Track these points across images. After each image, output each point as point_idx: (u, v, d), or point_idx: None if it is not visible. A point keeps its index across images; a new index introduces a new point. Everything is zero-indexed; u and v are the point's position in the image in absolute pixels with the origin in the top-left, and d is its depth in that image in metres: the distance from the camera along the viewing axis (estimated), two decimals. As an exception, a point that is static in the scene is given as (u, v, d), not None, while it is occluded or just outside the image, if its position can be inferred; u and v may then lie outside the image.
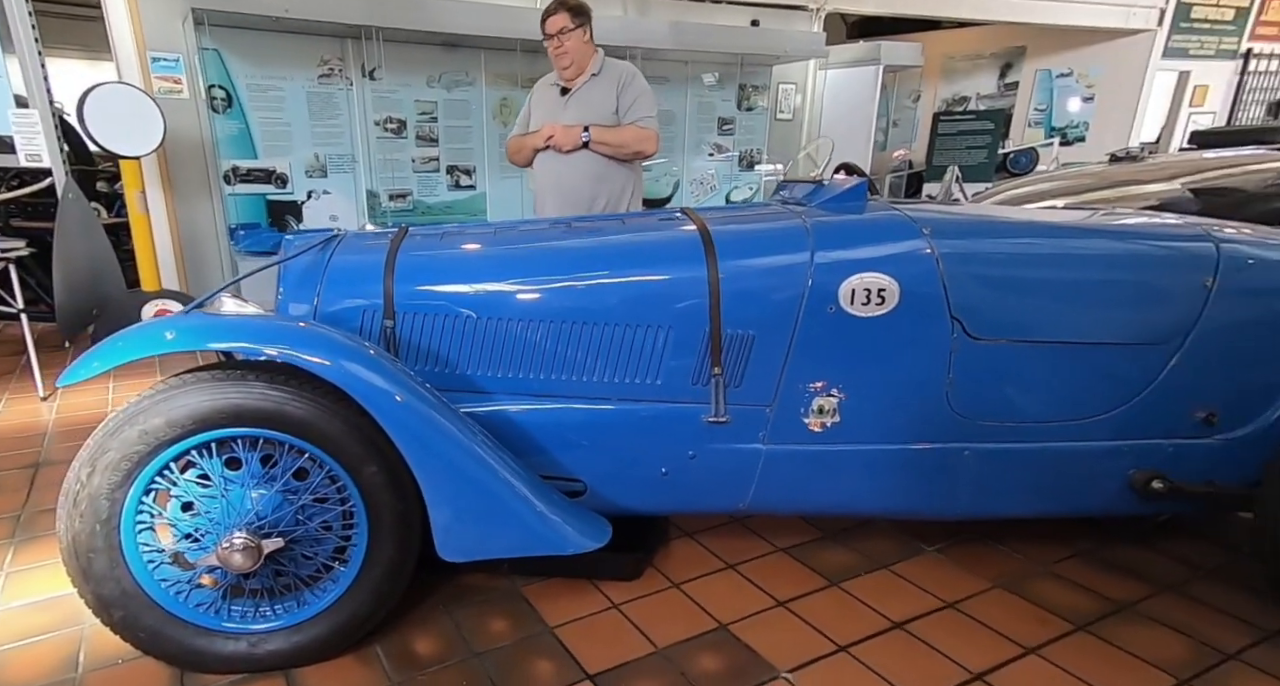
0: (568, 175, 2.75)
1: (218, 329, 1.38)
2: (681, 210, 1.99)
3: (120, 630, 1.41)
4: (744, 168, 6.53)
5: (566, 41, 2.62)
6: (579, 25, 2.62)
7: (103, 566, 1.37)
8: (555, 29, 2.62)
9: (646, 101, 2.66)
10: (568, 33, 2.61)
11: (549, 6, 2.65)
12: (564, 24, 2.61)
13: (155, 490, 1.41)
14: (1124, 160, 3.95)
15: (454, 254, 1.83)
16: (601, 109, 2.66)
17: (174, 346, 1.35)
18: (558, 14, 2.62)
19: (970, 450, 1.69)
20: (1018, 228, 1.79)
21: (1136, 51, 8.13)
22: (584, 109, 2.68)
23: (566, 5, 2.62)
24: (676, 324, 1.69)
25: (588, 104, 2.68)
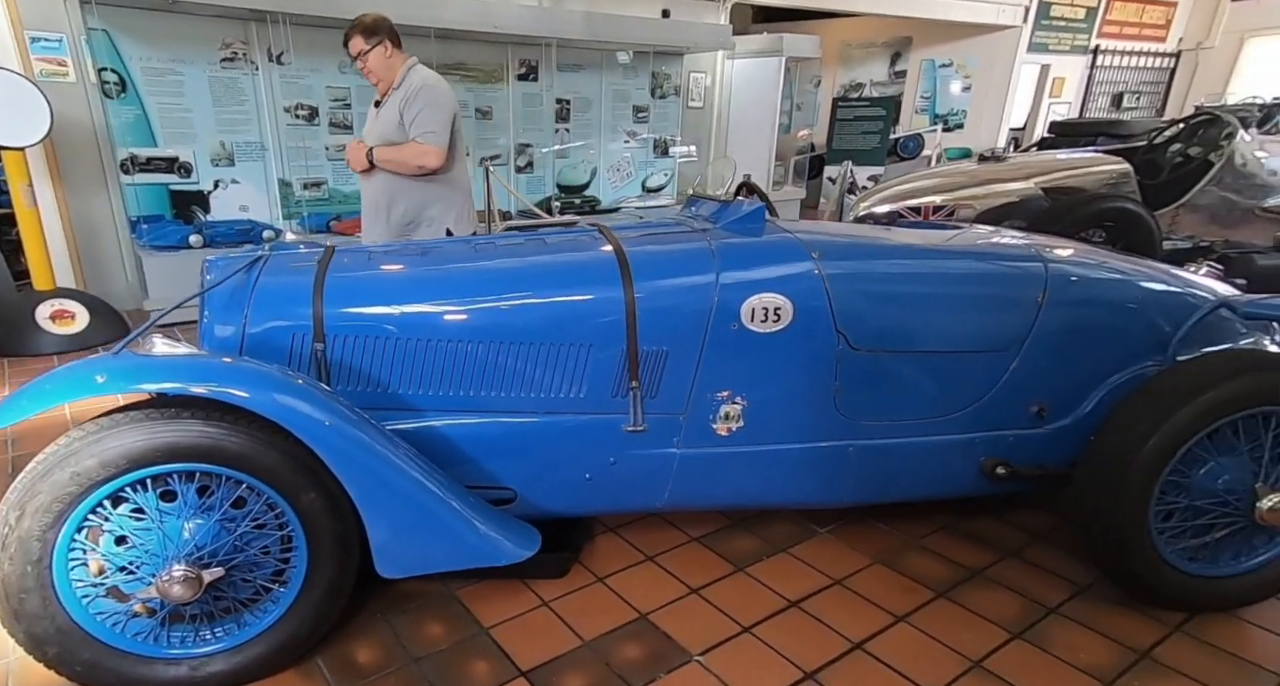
0: (368, 189, 2.79)
1: (149, 370, 1.35)
2: (598, 228, 2.05)
3: (55, 665, 1.38)
4: (659, 154, 6.57)
5: (368, 61, 2.61)
6: (375, 44, 2.59)
7: (35, 606, 1.34)
8: (355, 52, 2.61)
9: (427, 115, 2.57)
10: (365, 54, 2.59)
11: (347, 31, 2.63)
12: (360, 47, 2.59)
13: (88, 527, 1.39)
14: (989, 160, 4.25)
15: (382, 276, 1.83)
16: (393, 123, 2.62)
17: (106, 390, 1.31)
18: (353, 38, 2.60)
19: (854, 446, 1.86)
20: (891, 250, 1.95)
21: (1005, 45, 8.63)
22: (382, 123, 2.67)
23: (360, 27, 2.59)
24: (597, 341, 1.76)
25: (385, 118, 2.66)
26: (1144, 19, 9.38)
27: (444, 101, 2.62)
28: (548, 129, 5.80)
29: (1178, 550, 1.68)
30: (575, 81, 5.83)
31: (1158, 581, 1.67)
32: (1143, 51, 9.56)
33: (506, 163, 5.68)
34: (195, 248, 4.11)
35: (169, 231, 4.13)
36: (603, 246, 1.89)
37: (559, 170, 6.00)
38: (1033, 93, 9.18)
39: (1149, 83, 9.87)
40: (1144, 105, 9.92)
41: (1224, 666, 1.55)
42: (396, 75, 2.63)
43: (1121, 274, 1.94)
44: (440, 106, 2.60)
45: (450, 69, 5.17)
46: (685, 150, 6.75)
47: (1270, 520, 1.61)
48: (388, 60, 2.61)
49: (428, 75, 2.66)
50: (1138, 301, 1.90)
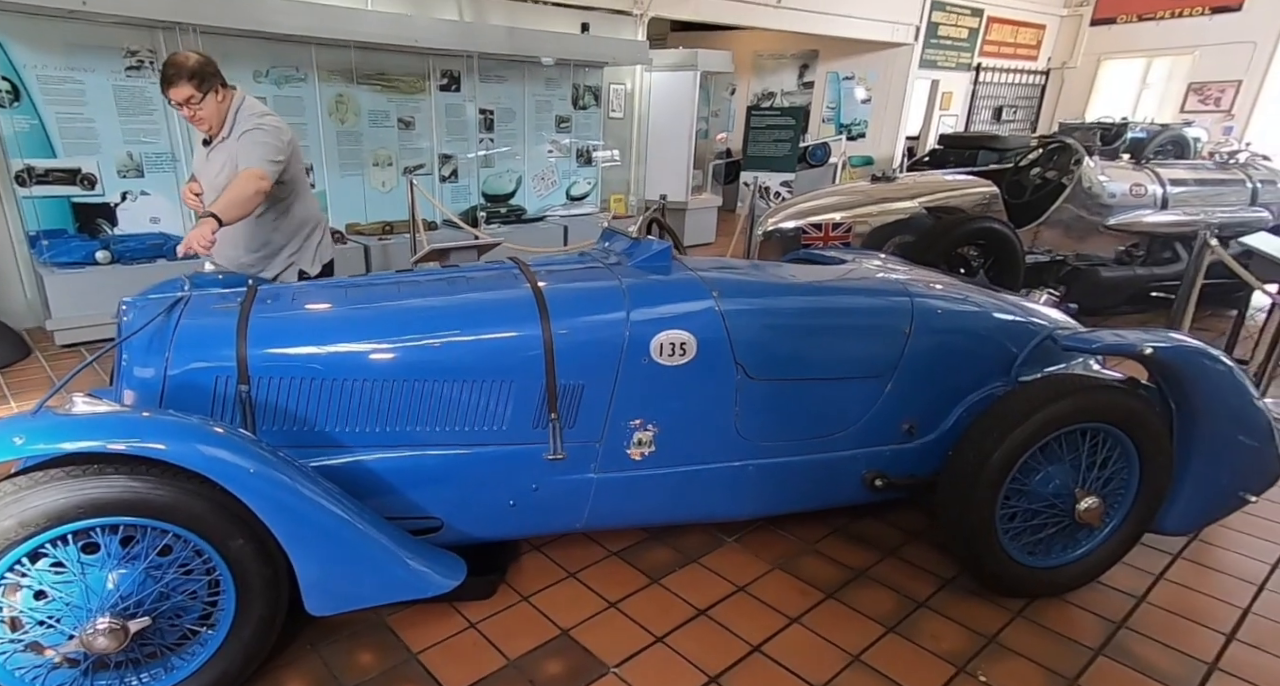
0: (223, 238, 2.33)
1: (68, 429, 1.32)
2: (516, 264, 2.10)
3: (-28, 725, 1.35)
4: (582, 162, 6.59)
5: (201, 109, 2.30)
6: (207, 91, 2.28)
7: (-51, 669, 1.30)
8: (181, 99, 2.26)
9: (258, 151, 2.29)
10: (196, 103, 2.28)
11: (165, 71, 2.24)
12: (190, 94, 2.25)
13: (3, 585, 1.35)
14: (881, 180, 4.53)
15: (306, 315, 1.82)
16: (228, 170, 2.36)
17: (23, 451, 1.28)
18: (178, 85, 2.24)
19: (754, 465, 2.01)
20: (782, 287, 2.10)
21: (900, 61, 9.11)
22: (216, 171, 2.40)
23: (185, 72, 2.23)
24: (517, 377, 1.82)
25: (219, 167, 2.39)
26: (1018, 40, 10.08)
27: (275, 135, 2.36)
28: (471, 139, 5.72)
29: (1019, 546, 1.91)
30: (498, 92, 5.77)
31: (1004, 573, 1.90)
32: (1018, 69, 10.28)
33: (430, 173, 5.57)
34: (102, 264, 3.87)
35: (73, 247, 3.86)
36: (522, 285, 1.95)
37: (484, 179, 5.94)
38: (925, 105, 9.72)
39: (1024, 98, 10.64)
40: (1020, 118, 10.69)
41: (1054, 645, 1.79)
42: (226, 121, 2.39)
43: (975, 305, 2.16)
44: (264, 144, 2.32)
45: (370, 78, 5.03)
46: (608, 155, 6.80)
47: (1086, 518, 1.86)
48: (220, 105, 2.34)
49: (257, 109, 2.42)
50: (988, 330, 2.13)
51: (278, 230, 2.55)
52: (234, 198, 2.21)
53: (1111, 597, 1.98)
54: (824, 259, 2.58)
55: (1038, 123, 10.74)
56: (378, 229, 5.21)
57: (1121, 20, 9.78)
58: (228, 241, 2.46)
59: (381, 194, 5.34)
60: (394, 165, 5.34)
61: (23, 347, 3.70)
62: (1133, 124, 7.77)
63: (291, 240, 2.61)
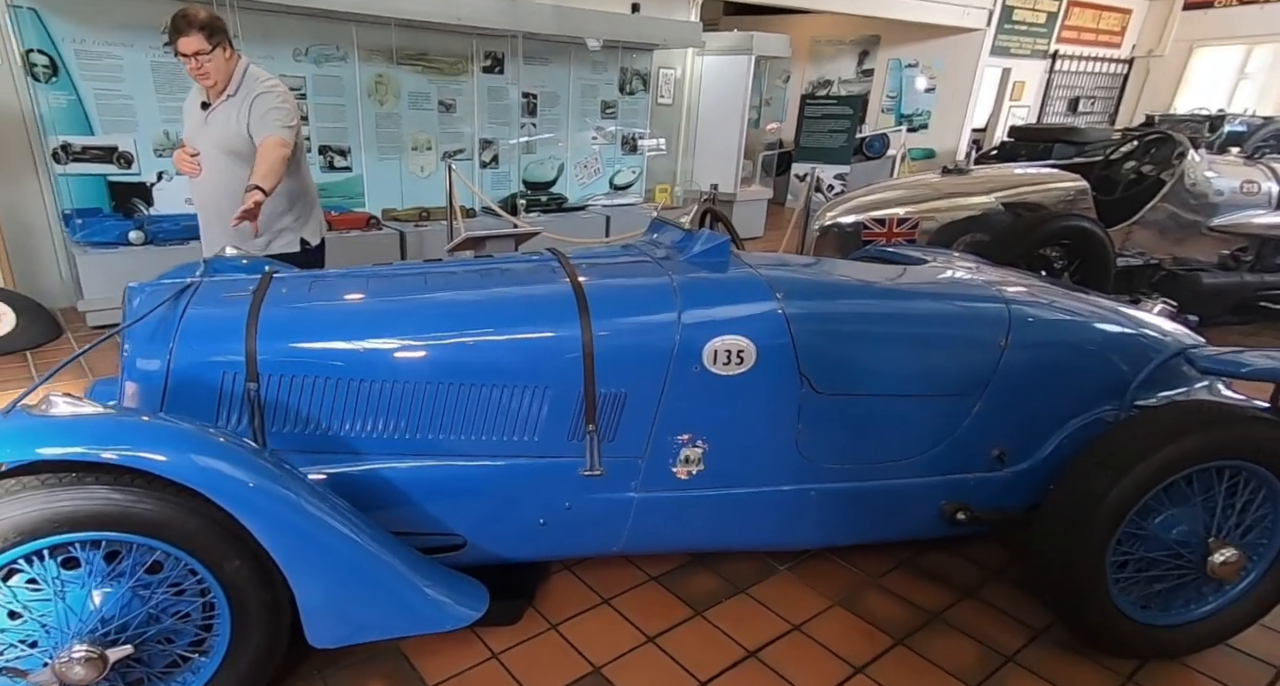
0: (204, 193, 2.54)
1: (47, 432, 1.19)
2: (555, 256, 1.92)
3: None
4: (627, 150, 6.41)
5: (208, 64, 2.27)
6: (216, 45, 2.26)
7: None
8: (190, 51, 2.24)
9: (275, 117, 2.33)
10: (205, 56, 2.25)
11: (176, 23, 2.23)
12: (199, 47, 2.24)
13: (-25, 602, 1.23)
14: (953, 173, 4.21)
15: (323, 308, 1.68)
16: (234, 132, 2.36)
17: (-11, 457, 1.16)
18: (190, 35, 2.22)
19: (815, 490, 1.79)
20: (855, 289, 1.87)
21: (969, 47, 8.64)
22: (219, 130, 2.38)
23: (198, 24, 2.22)
24: (552, 383, 1.65)
25: (223, 125, 2.38)
26: (1100, 25, 9.48)
27: (290, 102, 2.42)
28: (513, 124, 5.59)
29: (1131, 599, 1.66)
30: (542, 75, 5.62)
31: (1112, 630, 1.64)
32: (1098, 57, 9.68)
33: (470, 158, 5.46)
34: (135, 245, 3.84)
35: (107, 226, 3.84)
36: (560, 279, 1.77)
37: (525, 166, 5.80)
38: (994, 95, 9.23)
39: (1103, 88, 10.02)
40: (1098, 110, 10.08)
41: (1173, 719, 1.54)
42: (231, 80, 2.37)
43: (1080, 315, 1.90)
44: (284, 110, 2.37)
45: (411, 59, 4.93)
46: (654, 143, 6.59)
47: (1221, 573, 1.59)
48: (226, 63, 2.33)
49: (265, 76, 2.43)
50: (1097, 344, 1.86)
51: (283, 197, 2.50)
52: (270, 166, 2.25)
53: (1244, 666, 1.71)
54: (897, 257, 2.33)
55: (1117, 115, 10.11)
56: (414, 215, 5.12)
57: (1220, 4, 9.09)
58: (227, 206, 2.38)
59: (419, 179, 5.24)
60: (433, 149, 5.24)
61: (55, 328, 3.71)
62: (1230, 116, 7.20)
63: (294, 207, 2.58)
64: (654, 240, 2.14)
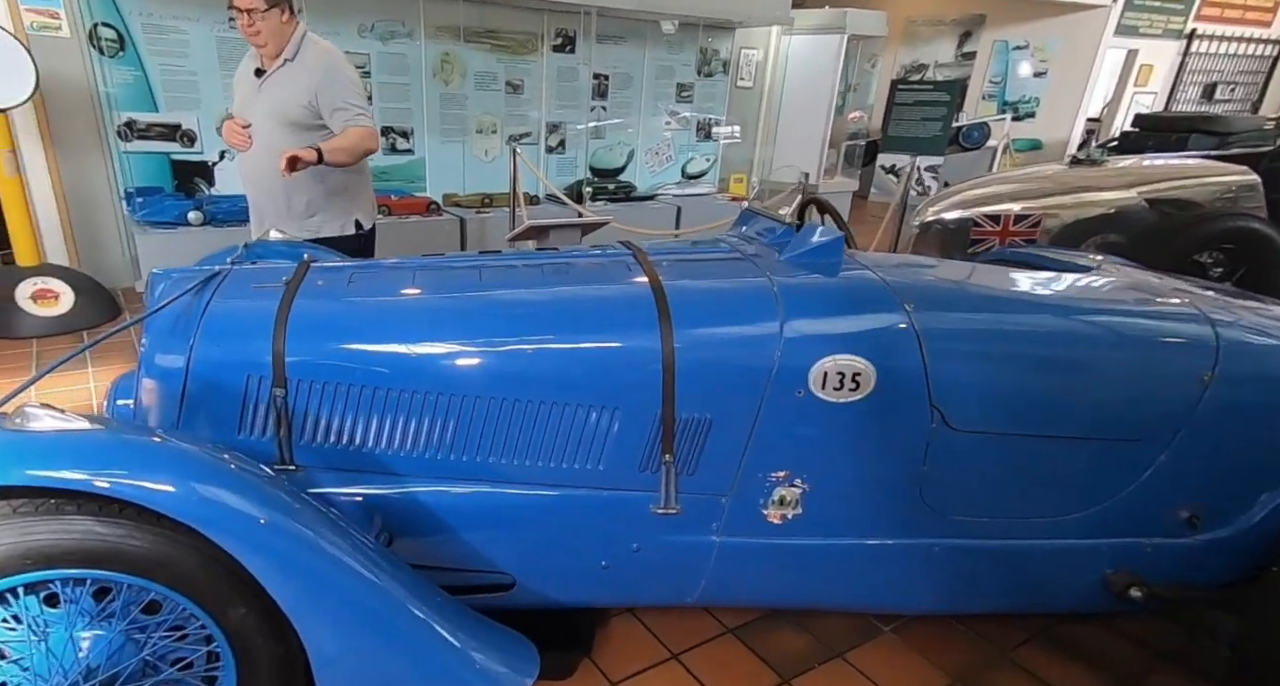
0: (254, 173, 2.38)
1: (25, 452, 1.02)
2: (630, 250, 1.68)
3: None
4: (701, 137, 6.12)
5: (262, 23, 2.15)
6: (273, 4, 2.13)
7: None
8: (245, 5, 2.12)
9: (355, 94, 2.25)
10: (259, 14, 2.13)
11: None
12: (254, 4, 2.11)
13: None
14: (1083, 163, 3.74)
15: (362, 304, 1.48)
16: (293, 100, 2.23)
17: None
18: None
19: (940, 546, 1.49)
20: (1009, 301, 1.54)
21: (1091, 27, 7.90)
22: (277, 98, 2.26)
23: None
24: (624, 403, 1.41)
25: (278, 94, 2.25)
26: (1249, 1, 8.53)
27: (357, 76, 2.34)
28: (583, 106, 5.38)
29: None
30: (615, 55, 5.38)
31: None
32: (1243, 37, 8.72)
33: (536, 142, 5.28)
34: (194, 225, 3.82)
35: (167, 206, 3.83)
36: (636, 277, 1.53)
37: (593, 152, 5.59)
38: (1115, 80, 8.44)
39: (1247, 72, 9.03)
40: (1239, 98, 9.11)
41: None
42: (288, 42, 2.23)
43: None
44: (358, 82, 2.31)
45: (479, 37, 4.77)
46: (729, 131, 6.27)
47: None
48: (283, 26, 2.20)
49: (329, 46, 2.30)
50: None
51: (340, 174, 2.37)
52: (346, 147, 2.22)
53: None
54: (1043, 261, 1.97)
55: (1261, 102, 9.11)
56: (476, 201, 4.99)
57: (1396, -26, 8.04)
58: (279, 187, 2.30)
59: (483, 163, 5.11)
60: (498, 133, 5.09)
61: (113, 308, 3.72)
62: None
63: (349, 186, 2.44)
64: (744, 234, 1.87)
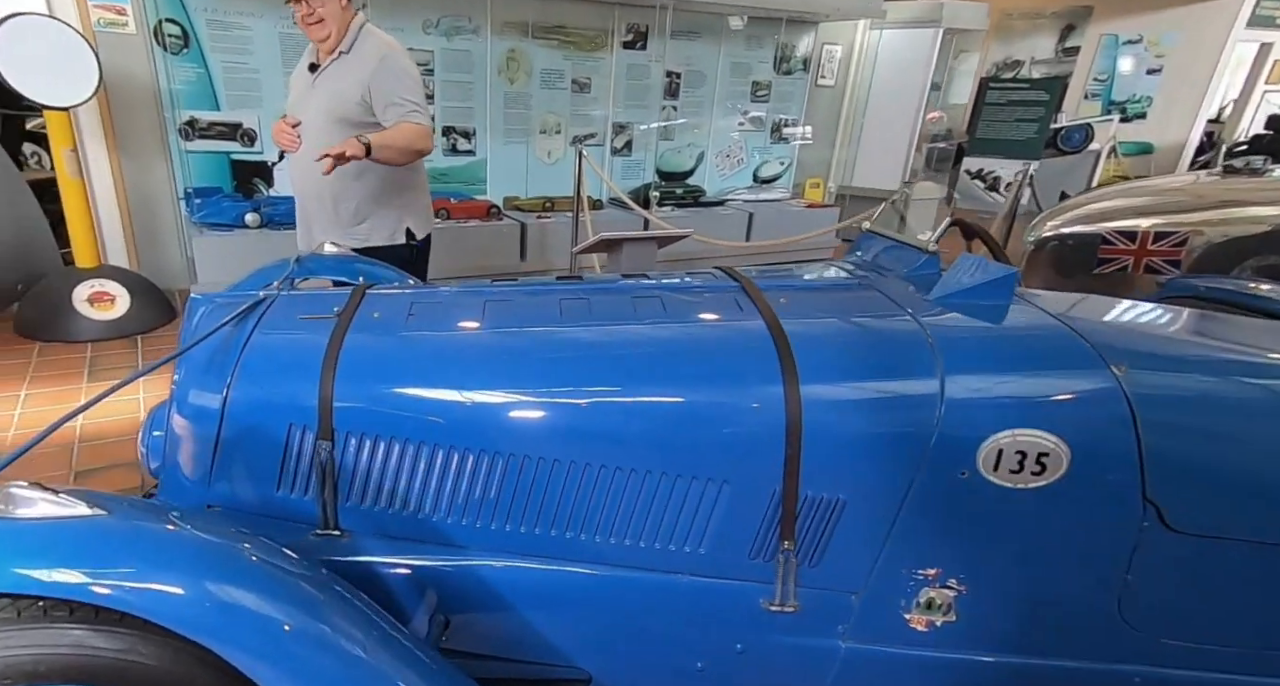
0: (303, 177, 2.21)
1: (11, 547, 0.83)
2: (734, 280, 1.42)
3: None
4: (775, 139, 5.82)
5: (322, 9, 1.99)
6: None
7: None
8: None
9: (411, 88, 2.08)
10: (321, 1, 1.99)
11: None
12: None
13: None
14: (1239, 173, 3.31)
15: (424, 343, 1.28)
16: (347, 95, 2.06)
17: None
18: None
19: (1142, 676, 1.18)
20: (1251, 363, 1.22)
21: (1218, 18, 7.26)
22: (330, 93, 2.08)
23: None
24: (735, 476, 1.16)
25: (332, 89, 2.07)
26: (1404, -11, 7.70)
27: (417, 72, 2.17)
28: (652, 106, 5.16)
29: None
30: (689, 52, 5.15)
31: None
32: (1394, 31, 7.88)
33: (602, 143, 5.09)
34: (251, 227, 3.76)
35: (224, 207, 3.78)
36: (748, 316, 1.28)
37: (661, 154, 5.36)
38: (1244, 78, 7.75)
39: (1397, 70, 8.17)
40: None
41: None
42: (346, 34, 2.07)
43: None
44: (417, 78, 2.14)
45: (548, 32, 4.61)
46: (801, 132, 5.95)
47: None
48: (343, 12, 2.04)
49: (388, 38, 2.15)
50: None
51: (391, 178, 2.19)
52: (397, 143, 2.03)
53: None
54: (1263, 303, 1.62)
55: None
56: (538, 205, 4.82)
57: None
58: (327, 190, 2.14)
59: (545, 165, 4.94)
60: (562, 133, 4.92)
61: (168, 311, 3.68)
62: None
63: (404, 191, 2.25)
64: (868, 263, 1.59)
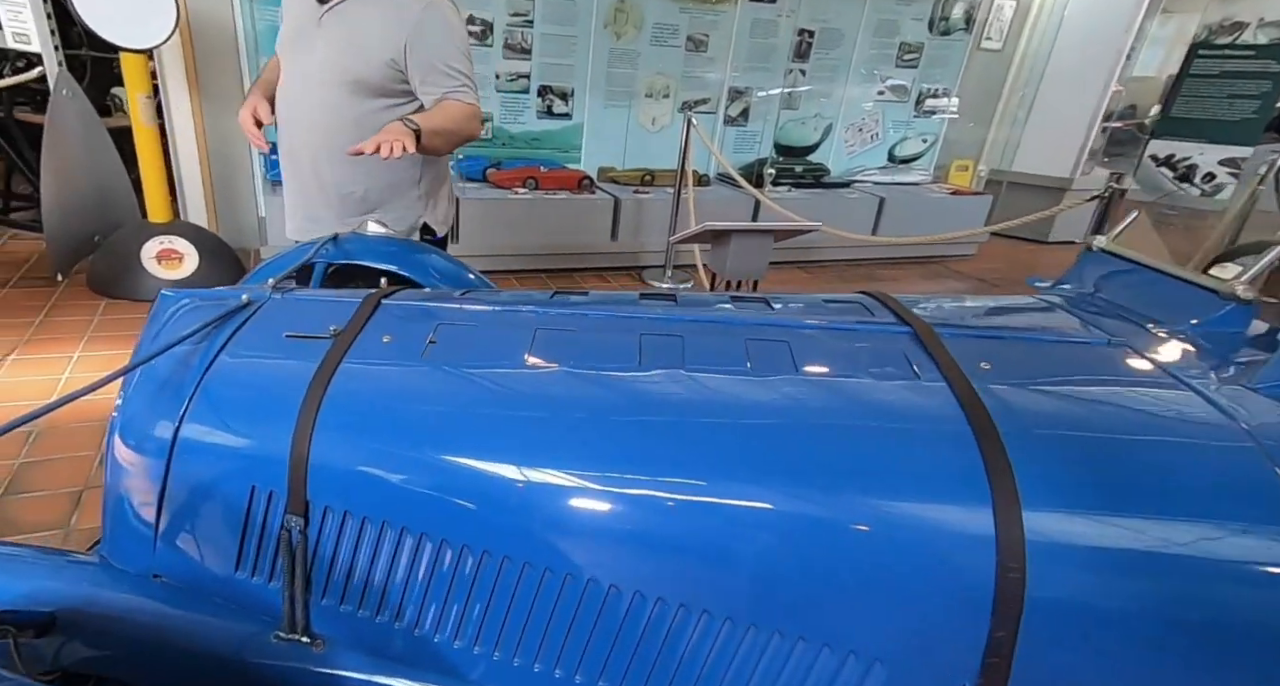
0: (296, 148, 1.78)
1: None
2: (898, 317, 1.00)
3: None
4: (919, 112, 5.16)
5: None
6: None
7: None
8: None
9: (460, 54, 1.65)
10: None
11: None
12: None
13: None
14: None
15: (443, 388, 0.94)
16: (372, 54, 1.61)
17: None
18: None
19: None
20: None
21: None
22: (345, 44, 1.62)
23: None
24: (894, 652, 0.77)
25: (352, 38, 1.61)
26: None
27: (465, 29, 1.71)
28: (777, 69, 4.64)
29: None
30: (827, 5, 4.57)
31: None
32: None
33: (714, 111, 4.63)
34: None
35: (298, 166, 3.63)
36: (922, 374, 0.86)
37: (781, 124, 4.84)
38: None
39: None
40: None
41: None
42: None
43: None
44: (466, 38, 1.70)
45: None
46: (947, 103, 5.24)
47: None
48: None
49: None
50: None
51: (415, 164, 1.79)
52: (449, 128, 1.62)
53: None
54: None
55: None
56: (636, 177, 4.45)
57: None
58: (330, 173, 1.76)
59: (648, 133, 4.55)
60: (670, 97, 4.50)
61: (238, 273, 3.59)
62: None
63: (423, 178, 1.83)
64: (1099, 301, 1.12)
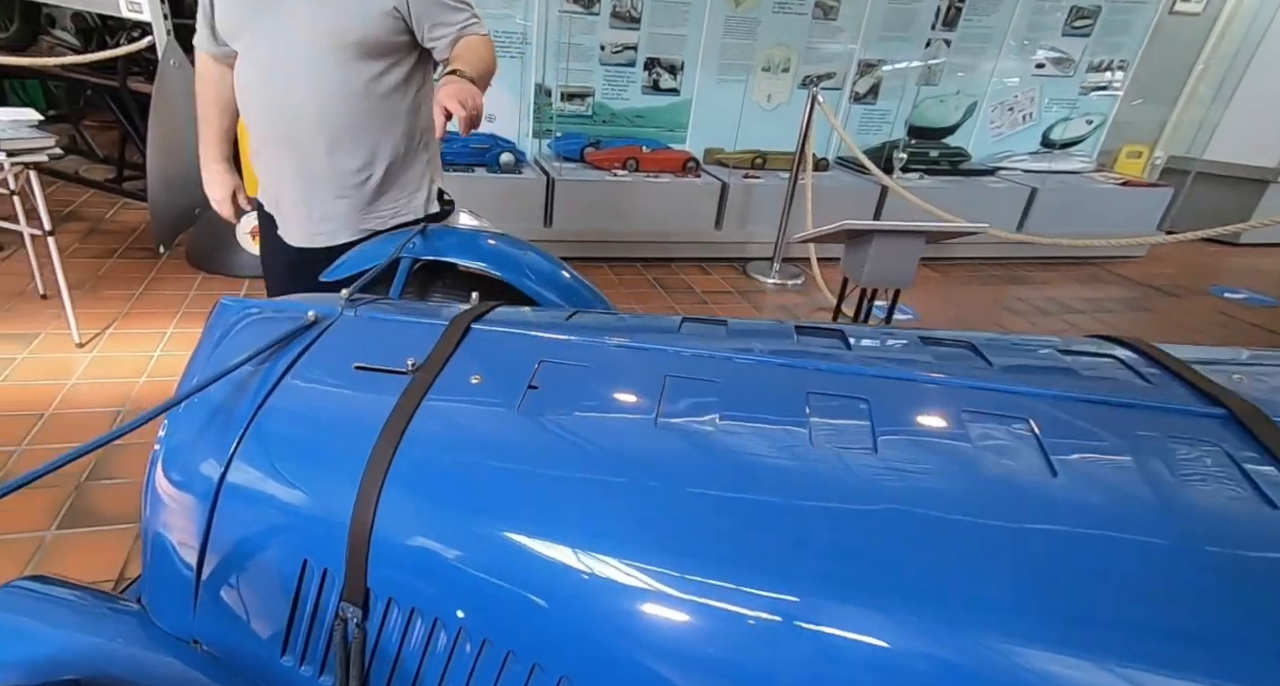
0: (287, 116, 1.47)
1: None
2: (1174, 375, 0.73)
3: None
4: (1086, 90, 4.61)
5: None
6: None
7: None
8: None
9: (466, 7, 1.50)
10: None
11: None
12: None
13: None
14: None
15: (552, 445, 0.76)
16: (368, 6, 1.37)
17: None
18: None
19: None
20: None
21: None
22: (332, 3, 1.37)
23: None
24: None
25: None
26: None
27: None
28: (917, 39, 4.22)
29: None
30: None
31: None
32: None
33: (840, 86, 4.27)
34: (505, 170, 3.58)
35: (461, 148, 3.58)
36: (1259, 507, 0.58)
37: (918, 101, 4.42)
38: None
39: None
40: None
41: None
42: None
43: None
44: None
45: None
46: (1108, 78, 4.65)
47: None
48: None
49: None
50: None
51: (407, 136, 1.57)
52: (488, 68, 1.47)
53: None
54: None
55: None
56: (746, 160, 4.17)
57: None
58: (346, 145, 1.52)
59: (764, 111, 4.25)
60: (790, 71, 4.17)
61: (330, 256, 3.59)
62: None
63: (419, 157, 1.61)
64: None
